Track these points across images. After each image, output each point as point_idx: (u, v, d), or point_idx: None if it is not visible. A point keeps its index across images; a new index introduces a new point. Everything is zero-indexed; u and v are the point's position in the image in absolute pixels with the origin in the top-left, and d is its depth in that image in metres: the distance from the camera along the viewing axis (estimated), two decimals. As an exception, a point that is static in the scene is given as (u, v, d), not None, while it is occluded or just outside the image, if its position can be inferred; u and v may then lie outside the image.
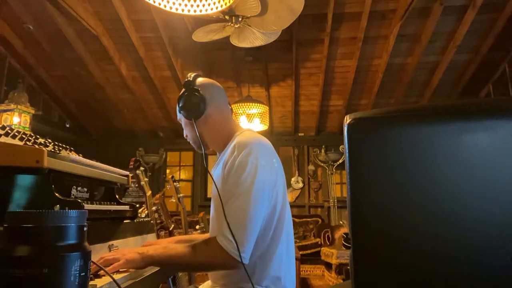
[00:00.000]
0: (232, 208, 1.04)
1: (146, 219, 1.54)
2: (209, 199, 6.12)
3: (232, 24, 2.88)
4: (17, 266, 0.56)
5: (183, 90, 1.23)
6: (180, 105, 1.22)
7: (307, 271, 4.94)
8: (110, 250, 1.11)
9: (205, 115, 1.22)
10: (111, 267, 0.97)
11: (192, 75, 1.24)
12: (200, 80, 1.27)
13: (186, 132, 1.30)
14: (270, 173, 1.11)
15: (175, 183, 2.46)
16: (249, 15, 2.78)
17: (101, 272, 0.93)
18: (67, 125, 6.00)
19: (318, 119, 5.83)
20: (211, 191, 1.27)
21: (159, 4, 1.80)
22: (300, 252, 4.54)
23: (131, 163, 2.03)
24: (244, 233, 1.02)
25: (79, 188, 1.14)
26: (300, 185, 6.10)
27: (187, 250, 1.07)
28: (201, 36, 3.16)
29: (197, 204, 6.21)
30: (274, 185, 1.12)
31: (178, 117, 1.31)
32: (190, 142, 1.32)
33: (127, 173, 1.42)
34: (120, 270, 1.01)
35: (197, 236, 1.46)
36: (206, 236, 1.42)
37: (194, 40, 3.27)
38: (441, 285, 0.55)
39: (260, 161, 1.08)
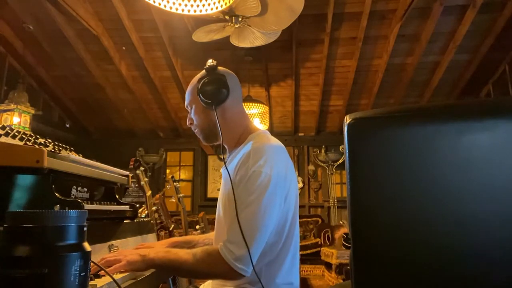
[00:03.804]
0: (240, 217, 1.00)
1: (146, 219, 1.54)
2: (209, 199, 6.13)
3: (232, 24, 2.88)
4: (17, 266, 0.56)
5: (205, 73, 1.17)
6: (200, 88, 1.15)
7: (307, 271, 4.94)
8: (110, 250, 1.11)
9: (225, 104, 1.16)
10: (112, 268, 0.96)
11: (215, 62, 1.18)
12: (222, 68, 1.22)
13: (196, 120, 1.21)
14: (284, 183, 1.08)
15: (175, 183, 2.46)
16: (249, 15, 2.78)
17: (101, 272, 0.93)
18: (67, 125, 6.00)
19: (318, 119, 5.82)
20: (219, 192, 1.22)
21: (159, 4, 1.80)
22: (300, 252, 4.52)
23: (131, 163, 2.03)
24: (250, 245, 0.98)
25: (79, 188, 1.14)
26: (300, 185, 6.10)
27: (189, 257, 1.04)
28: (201, 36, 3.16)
29: (197, 204, 6.21)
30: (286, 195, 1.09)
31: (186, 103, 1.22)
32: (197, 131, 1.23)
33: (127, 173, 1.42)
34: (120, 270, 1.01)
35: (192, 237, 1.43)
36: (204, 236, 1.41)
37: (194, 40, 3.27)
38: (442, 285, 0.55)
39: (274, 172, 1.04)
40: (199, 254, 1.04)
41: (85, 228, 0.64)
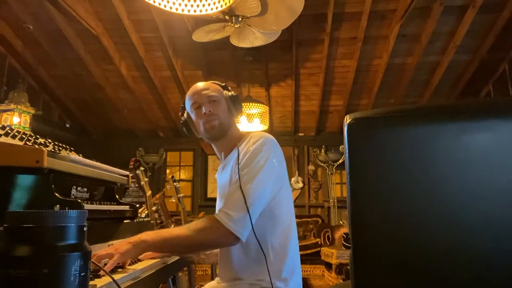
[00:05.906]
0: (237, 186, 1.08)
1: (146, 219, 1.55)
2: (209, 199, 6.13)
3: (232, 24, 2.88)
4: (17, 266, 0.56)
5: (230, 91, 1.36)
6: (232, 96, 1.31)
7: (307, 271, 4.94)
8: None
9: (237, 118, 1.33)
10: (108, 265, 0.97)
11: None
12: None
13: (221, 113, 1.28)
14: (279, 170, 1.16)
15: (175, 183, 2.46)
16: (249, 15, 2.78)
17: (101, 272, 0.93)
18: (67, 125, 6.00)
19: (318, 119, 5.82)
20: (217, 196, 1.31)
21: (159, 4, 1.80)
22: (300, 252, 4.53)
23: (131, 163, 2.03)
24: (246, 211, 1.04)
25: (79, 188, 1.14)
26: (300, 185, 6.10)
27: (183, 231, 1.09)
28: (201, 36, 3.16)
29: (197, 204, 6.21)
30: (282, 183, 1.17)
31: (214, 93, 1.31)
32: (217, 121, 1.27)
33: (127, 173, 1.42)
34: (118, 270, 1.01)
35: None
36: None
37: (194, 40, 3.27)
38: (441, 285, 0.55)
39: (272, 154, 1.13)
40: (193, 224, 1.09)
41: (85, 228, 0.64)
